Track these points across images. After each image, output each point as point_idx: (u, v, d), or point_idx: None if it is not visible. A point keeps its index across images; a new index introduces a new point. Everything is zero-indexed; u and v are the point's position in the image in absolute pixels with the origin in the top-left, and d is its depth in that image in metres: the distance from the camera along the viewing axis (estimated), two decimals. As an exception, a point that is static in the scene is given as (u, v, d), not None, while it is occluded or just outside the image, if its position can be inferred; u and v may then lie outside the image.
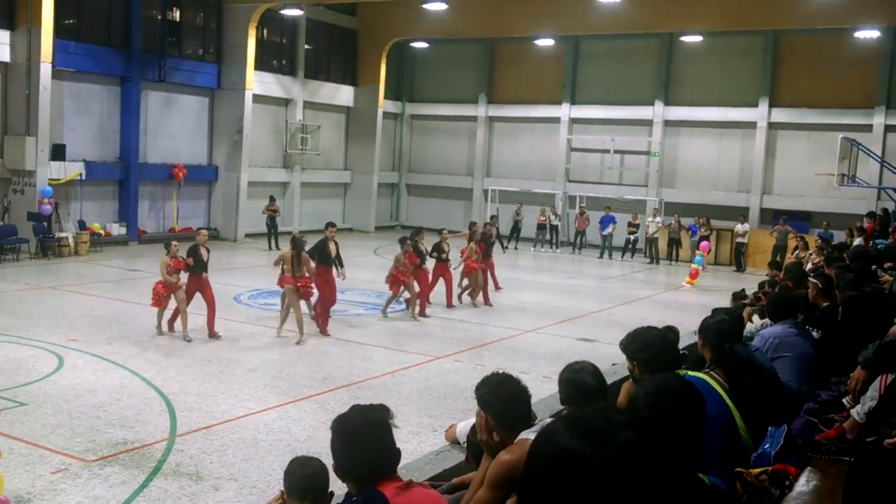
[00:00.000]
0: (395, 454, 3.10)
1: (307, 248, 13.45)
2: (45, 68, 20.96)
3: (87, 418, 8.87)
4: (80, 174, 22.82)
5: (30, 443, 8.00)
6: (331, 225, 14.73)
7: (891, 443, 3.47)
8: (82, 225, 22.86)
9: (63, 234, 21.67)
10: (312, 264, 13.29)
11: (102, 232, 23.31)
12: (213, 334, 12.94)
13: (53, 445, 8.01)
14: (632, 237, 27.53)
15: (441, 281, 16.44)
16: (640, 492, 1.32)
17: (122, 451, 8.00)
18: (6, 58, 21.05)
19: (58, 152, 22.02)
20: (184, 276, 13.02)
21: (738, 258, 26.01)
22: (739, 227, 26.04)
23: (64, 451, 7.88)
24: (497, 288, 18.41)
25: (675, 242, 26.64)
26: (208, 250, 13.37)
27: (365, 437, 3.04)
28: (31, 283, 17.62)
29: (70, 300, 16.07)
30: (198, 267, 13.06)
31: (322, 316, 13.70)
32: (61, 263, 20.59)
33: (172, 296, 12.84)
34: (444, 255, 16.27)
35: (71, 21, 22.79)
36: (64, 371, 10.69)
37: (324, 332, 13.49)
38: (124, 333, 13.03)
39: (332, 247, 14.13)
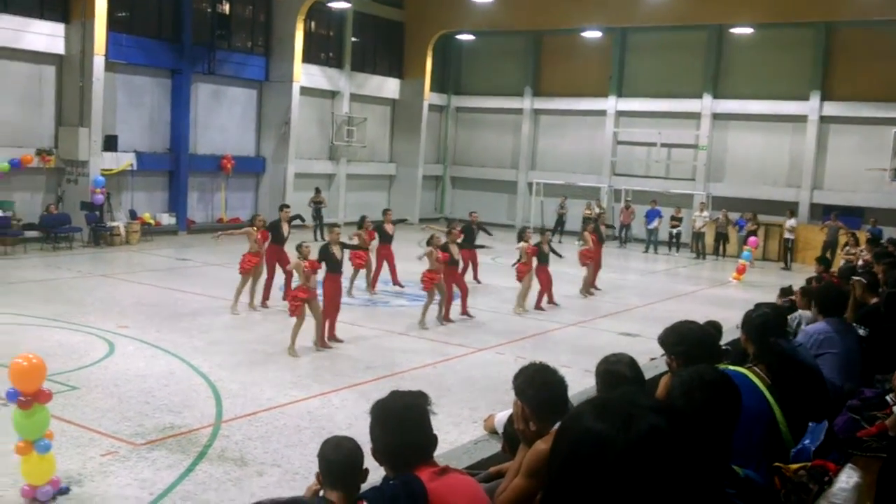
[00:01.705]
0: (432, 440, 3.15)
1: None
2: (99, 61, 21.40)
3: (136, 403, 9.09)
4: (132, 165, 23.28)
5: (81, 426, 8.22)
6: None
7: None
8: (133, 214, 23.33)
9: (114, 224, 22.14)
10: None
11: (153, 222, 23.77)
12: (332, 338, 12.33)
13: (103, 429, 8.23)
14: (674, 231, 27.25)
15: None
16: (663, 477, 1.33)
17: (169, 435, 8.18)
18: (61, 50, 21.53)
19: (110, 143, 22.49)
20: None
21: (786, 254, 25.58)
22: (788, 223, 25.60)
23: (113, 435, 8.08)
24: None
25: (722, 237, 26.30)
26: (342, 248, 12.75)
27: (403, 421, 3.10)
28: (84, 270, 18.04)
29: (121, 288, 16.42)
30: (334, 267, 12.36)
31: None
32: (113, 252, 21.03)
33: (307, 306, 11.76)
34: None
35: (123, 14, 23.23)
36: (114, 357, 10.95)
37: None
38: (173, 321, 13.29)
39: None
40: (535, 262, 15.67)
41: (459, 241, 15.26)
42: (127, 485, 7.01)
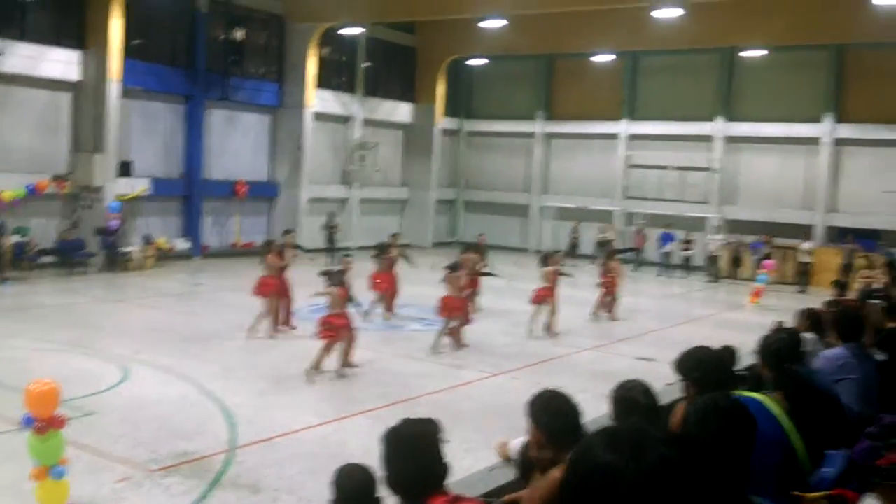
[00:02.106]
0: (444, 468, 3.13)
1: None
2: (114, 87, 21.64)
3: (151, 429, 9.09)
4: (146, 190, 23.45)
5: (95, 451, 8.23)
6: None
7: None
8: (147, 240, 23.46)
9: (129, 249, 22.27)
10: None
11: (167, 247, 23.89)
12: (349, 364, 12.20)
13: (118, 455, 8.23)
14: (686, 254, 27.19)
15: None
16: None
17: (183, 461, 8.17)
18: (77, 77, 21.79)
19: (125, 169, 22.68)
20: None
21: (802, 277, 25.41)
22: (803, 245, 25.45)
23: (127, 461, 8.08)
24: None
25: (736, 261, 26.17)
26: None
27: (414, 449, 3.08)
28: (99, 296, 18.13)
29: (136, 313, 16.48)
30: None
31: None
32: (127, 277, 21.14)
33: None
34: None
35: (139, 41, 23.49)
36: (129, 383, 10.97)
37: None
38: (187, 346, 13.31)
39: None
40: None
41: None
42: (140, 511, 7.00)
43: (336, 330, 11.72)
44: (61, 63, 21.48)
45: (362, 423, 9.72)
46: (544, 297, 15.57)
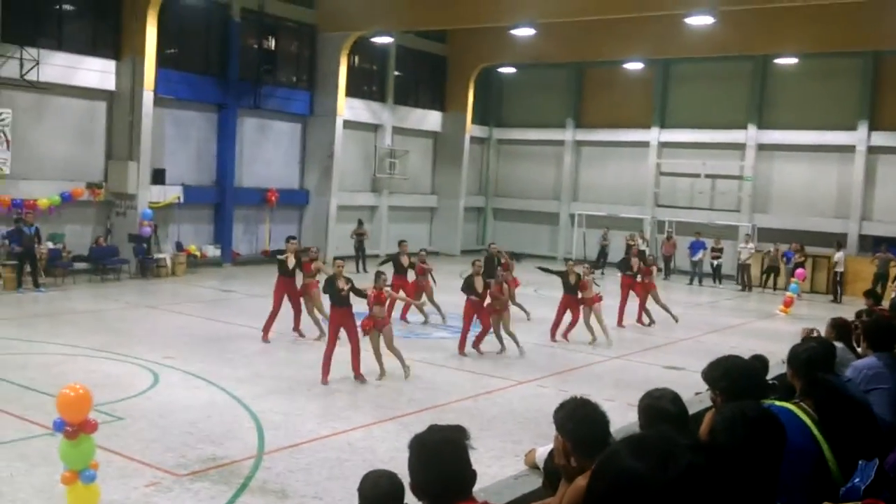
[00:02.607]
0: (471, 475, 3.11)
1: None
2: (148, 96, 21.92)
3: (180, 434, 9.17)
4: (179, 198, 23.71)
5: (125, 456, 8.31)
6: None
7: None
8: (179, 246, 23.71)
9: (161, 256, 22.52)
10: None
11: (198, 254, 24.11)
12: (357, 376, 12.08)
13: (147, 459, 8.30)
14: (716, 263, 26.95)
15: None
16: None
17: (211, 466, 8.23)
18: (112, 86, 22.10)
19: (158, 176, 22.95)
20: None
21: (835, 287, 25.05)
22: (836, 255, 25.11)
23: (157, 465, 8.15)
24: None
25: (773, 270, 25.85)
26: (348, 281, 12.30)
27: (441, 456, 3.06)
28: (131, 302, 18.34)
29: (167, 319, 16.65)
30: (339, 301, 12.17)
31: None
32: (159, 283, 21.37)
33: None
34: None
35: (172, 51, 23.81)
36: (159, 388, 11.09)
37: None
38: (217, 352, 13.42)
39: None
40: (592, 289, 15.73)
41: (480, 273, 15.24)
42: (169, 516, 7.06)
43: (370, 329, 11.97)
44: (97, 72, 21.81)
45: (390, 429, 9.74)
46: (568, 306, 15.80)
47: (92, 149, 22.26)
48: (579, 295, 15.65)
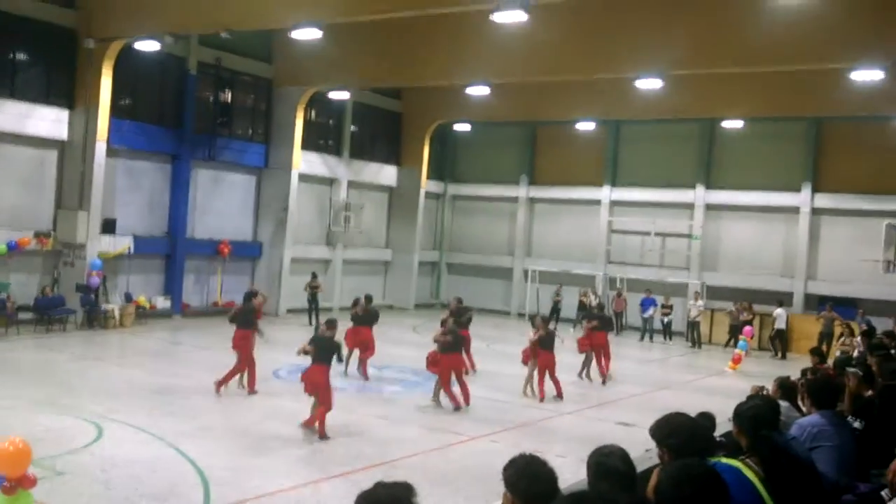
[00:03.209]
0: (417, 534, 3.10)
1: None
2: (101, 147, 21.76)
3: (123, 489, 8.93)
4: (129, 248, 23.38)
5: (65, 513, 8.06)
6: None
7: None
8: (128, 297, 23.30)
9: (109, 307, 22.10)
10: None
11: (148, 305, 23.72)
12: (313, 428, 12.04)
13: (88, 516, 8.06)
14: (666, 319, 27.30)
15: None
16: None
17: (155, 524, 8.01)
18: (64, 136, 21.90)
19: (108, 226, 22.64)
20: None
21: (775, 343, 25.50)
22: (776, 312, 25.59)
23: (98, 523, 7.91)
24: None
25: (737, 329, 25.84)
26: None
27: (386, 514, 3.05)
28: (77, 353, 17.94)
29: (112, 371, 16.29)
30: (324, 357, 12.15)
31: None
32: (106, 335, 20.95)
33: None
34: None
35: (127, 101, 23.70)
36: (102, 442, 10.80)
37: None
38: (163, 405, 13.15)
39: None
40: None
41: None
42: (109, 576, 6.84)
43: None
44: (49, 121, 21.61)
45: (339, 485, 9.60)
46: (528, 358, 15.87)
47: (41, 197, 21.94)
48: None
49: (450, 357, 14.46)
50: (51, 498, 8.26)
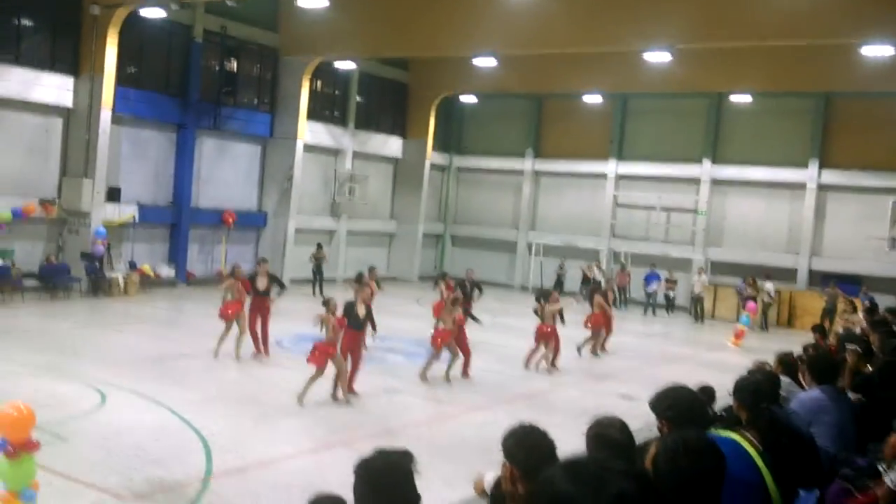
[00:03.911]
0: (416, 500, 3.11)
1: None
2: (106, 114, 21.69)
3: (126, 456, 8.99)
4: (134, 217, 23.41)
5: (68, 477, 8.13)
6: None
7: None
8: (133, 266, 23.36)
9: (114, 275, 22.16)
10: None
11: (152, 273, 23.78)
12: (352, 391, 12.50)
13: (91, 481, 8.13)
14: (671, 294, 27.29)
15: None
16: None
17: (157, 489, 8.08)
18: (69, 103, 21.84)
19: (113, 195, 22.64)
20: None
21: (763, 317, 25.48)
22: (767, 285, 25.55)
23: (101, 487, 7.99)
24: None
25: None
26: (365, 305, 13.13)
27: (385, 481, 3.06)
28: (81, 321, 18.01)
29: (117, 339, 16.37)
30: (356, 324, 12.77)
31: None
32: (111, 303, 21.02)
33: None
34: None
35: (132, 69, 23.60)
36: (106, 408, 10.88)
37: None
38: (167, 373, 13.22)
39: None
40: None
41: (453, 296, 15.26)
42: (112, 540, 6.91)
43: (326, 357, 11.84)
44: (54, 88, 21.53)
45: (340, 454, 9.64)
46: (547, 336, 15.80)
47: (46, 165, 21.92)
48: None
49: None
50: (53, 463, 8.33)
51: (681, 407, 3.91)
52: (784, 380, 6.62)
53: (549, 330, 15.81)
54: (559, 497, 1.38)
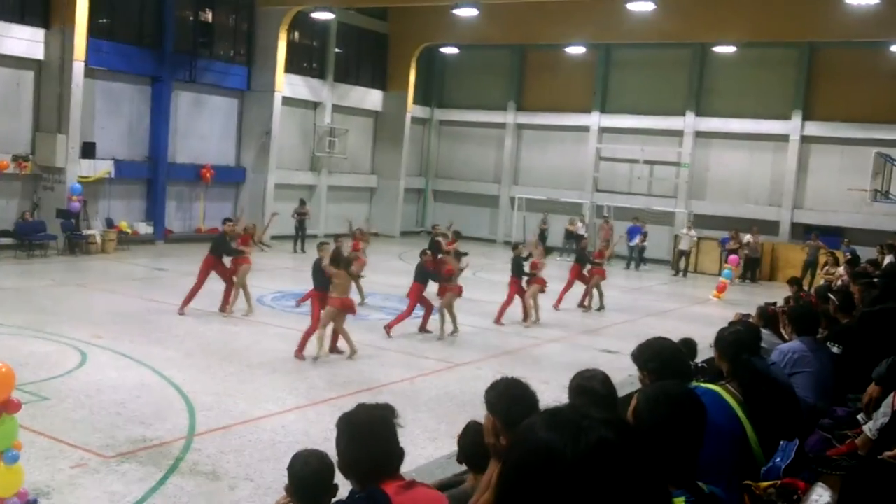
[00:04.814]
0: (398, 453, 3.12)
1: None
2: (78, 67, 21.26)
3: (108, 415, 8.96)
4: (109, 172, 23.10)
5: (50, 437, 8.09)
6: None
7: (890, 455, 3.41)
8: (110, 223, 23.13)
9: (91, 232, 21.94)
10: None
11: (129, 230, 23.56)
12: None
13: (73, 440, 8.09)
14: (643, 245, 27.37)
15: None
16: (612, 490, 1.32)
17: (140, 448, 8.06)
18: (40, 56, 21.39)
19: (88, 150, 22.29)
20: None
21: (747, 268, 25.69)
22: (746, 237, 25.69)
23: (83, 447, 7.95)
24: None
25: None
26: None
27: (368, 434, 3.07)
28: (58, 279, 17.85)
29: (96, 297, 16.25)
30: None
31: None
32: (88, 261, 20.84)
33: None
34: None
35: (104, 20, 23.10)
36: (87, 367, 10.81)
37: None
38: (148, 331, 13.15)
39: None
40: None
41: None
42: (96, 497, 6.90)
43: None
44: (25, 41, 21.06)
45: (324, 411, 9.65)
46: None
47: (19, 120, 21.53)
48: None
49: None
50: (35, 423, 8.29)
51: (662, 359, 3.92)
52: (765, 332, 6.65)
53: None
54: (538, 444, 1.36)
